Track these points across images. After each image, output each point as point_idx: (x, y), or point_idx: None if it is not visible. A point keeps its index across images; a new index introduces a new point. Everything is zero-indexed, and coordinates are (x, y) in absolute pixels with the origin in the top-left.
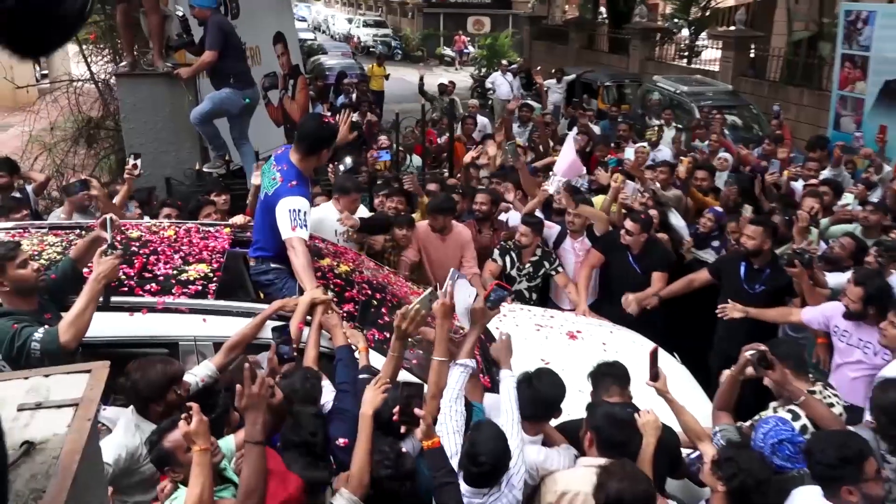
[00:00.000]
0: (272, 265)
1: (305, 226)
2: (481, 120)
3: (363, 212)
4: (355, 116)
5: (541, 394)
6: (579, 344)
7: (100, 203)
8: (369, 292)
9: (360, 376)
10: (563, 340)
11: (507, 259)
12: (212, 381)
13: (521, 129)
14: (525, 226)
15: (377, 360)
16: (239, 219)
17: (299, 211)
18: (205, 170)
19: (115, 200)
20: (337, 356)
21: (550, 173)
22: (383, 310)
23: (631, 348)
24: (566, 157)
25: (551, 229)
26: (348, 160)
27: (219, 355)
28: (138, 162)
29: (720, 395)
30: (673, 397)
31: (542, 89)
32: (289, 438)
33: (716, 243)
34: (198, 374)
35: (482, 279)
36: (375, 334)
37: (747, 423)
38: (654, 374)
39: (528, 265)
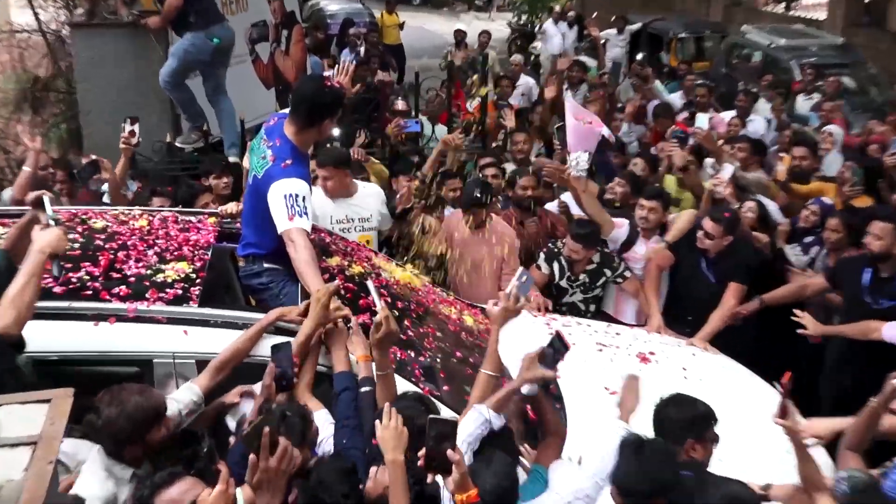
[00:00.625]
0: (265, 265)
1: (306, 213)
2: (526, 81)
3: (372, 197)
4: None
5: (648, 474)
6: (653, 369)
7: (111, 188)
8: (388, 300)
9: (362, 389)
10: (633, 364)
11: (556, 266)
12: (197, 408)
13: (572, 94)
14: (573, 240)
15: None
16: (231, 207)
17: (297, 196)
18: (178, 144)
19: (117, 174)
20: (336, 386)
21: (567, 153)
22: (406, 322)
23: (720, 376)
24: (571, 124)
25: (619, 228)
26: (336, 131)
27: (203, 376)
28: (136, 128)
29: (854, 432)
30: (804, 442)
31: (599, 42)
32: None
33: (809, 238)
34: (180, 400)
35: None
36: (396, 352)
37: (876, 471)
38: (784, 411)
39: (582, 276)
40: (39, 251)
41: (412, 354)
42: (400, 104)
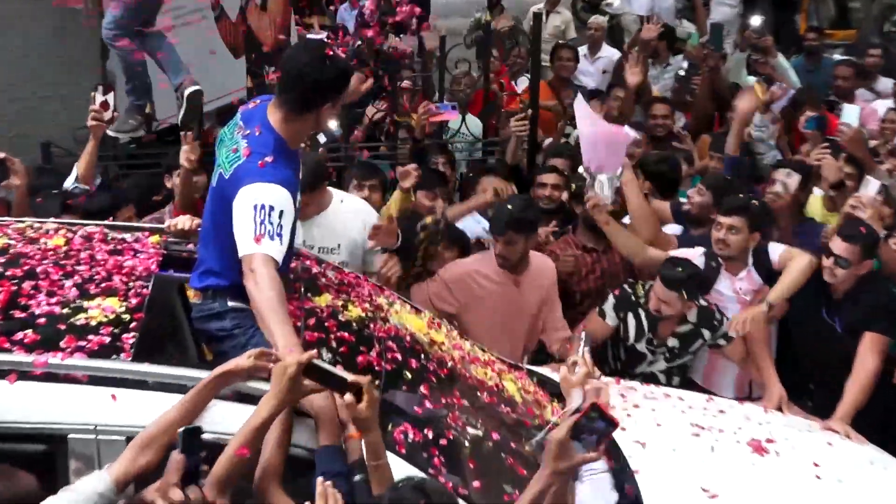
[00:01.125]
0: (230, 303)
1: (279, 235)
2: (609, 54)
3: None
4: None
5: None
6: (772, 463)
7: (18, 197)
8: (399, 356)
9: (356, 477)
10: (744, 455)
11: (631, 321)
12: None
13: (658, 72)
14: (665, 287)
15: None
16: (184, 221)
17: (270, 209)
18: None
19: (80, 167)
20: (319, 466)
21: (582, 170)
22: (423, 388)
23: (868, 476)
24: (587, 137)
25: (692, 258)
26: (333, 124)
27: (121, 459)
28: (110, 98)
29: None
30: None
31: (699, 1)
32: None
33: None
34: (80, 492)
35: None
36: (408, 430)
37: None
38: None
39: (670, 339)
40: None
41: (430, 435)
42: (406, 81)
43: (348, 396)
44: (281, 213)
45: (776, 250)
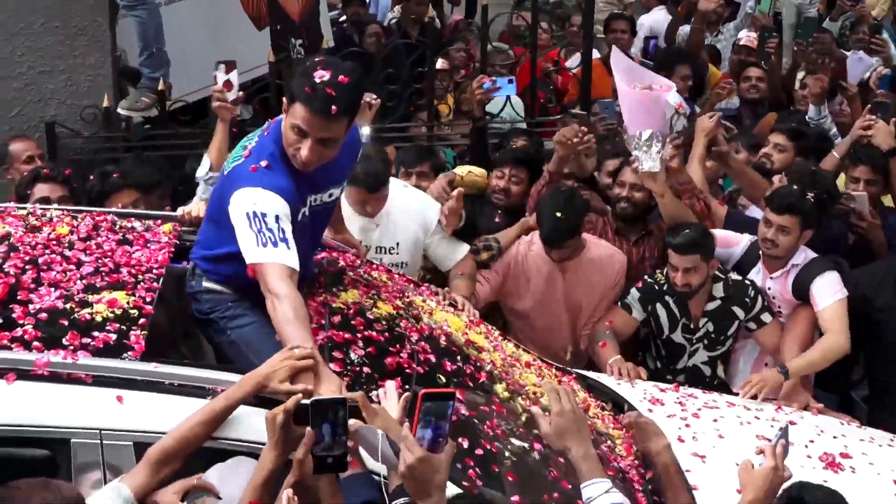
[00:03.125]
0: (204, 283)
1: (284, 240)
2: (654, 18)
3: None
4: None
5: None
6: (848, 480)
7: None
8: (433, 358)
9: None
10: (816, 472)
11: (662, 311)
12: None
13: (714, 42)
14: (681, 255)
15: None
16: (196, 207)
17: (264, 216)
18: (121, 110)
19: (211, 154)
20: (347, 497)
21: (625, 136)
22: (458, 395)
23: None
24: (623, 92)
25: (734, 245)
26: (366, 130)
27: (138, 472)
28: (233, 76)
29: None
30: None
31: None
32: None
33: None
34: None
35: (604, 356)
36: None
37: None
38: None
39: (703, 321)
40: None
41: (464, 444)
42: (440, 61)
43: (354, 422)
44: (276, 217)
45: (824, 297)
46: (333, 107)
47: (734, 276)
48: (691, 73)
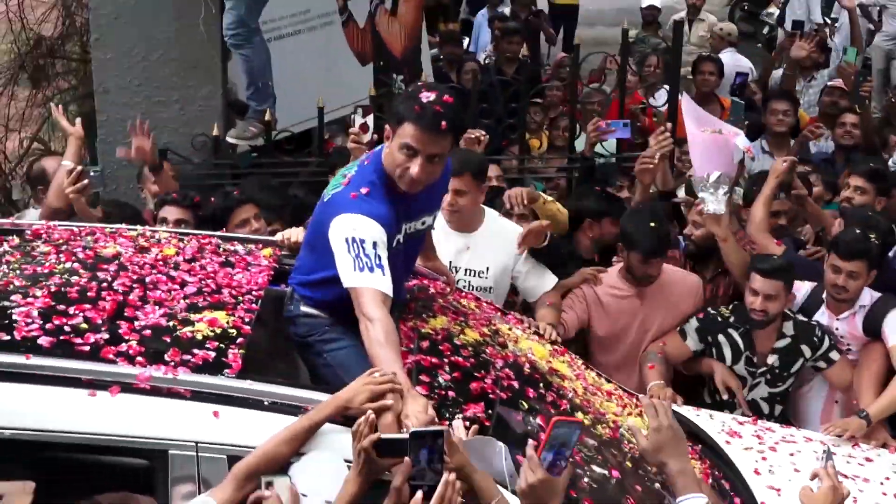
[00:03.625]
0: (302, 308)
1: (381, 266)
2: (734, 59)
3: (500, 238)
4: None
5: None
6: None
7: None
8: (516, 384)
9: None
10: None
11: (723, 340)
12: None
13: (801, 86)
14: (766, 278)
15: None
16: (293, 233)
17: (362, 242)
18: (229, 139)
19: None
20: None
21: (689, 175)
22: (539, 419)
23: None
24: (693, 136)
25: (797, 290)
26: None
27: (226, 486)
28: (369, 120)
29: None
30: None
31: (854, 10)
32: None
33: None
34: None
35: (648, 378)
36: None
37: None
38: None
39: (771, 357)
40: None
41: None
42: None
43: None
44: (374, 243)
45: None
46: (443, 122)
47: (800, 317)
48: (791, 108)
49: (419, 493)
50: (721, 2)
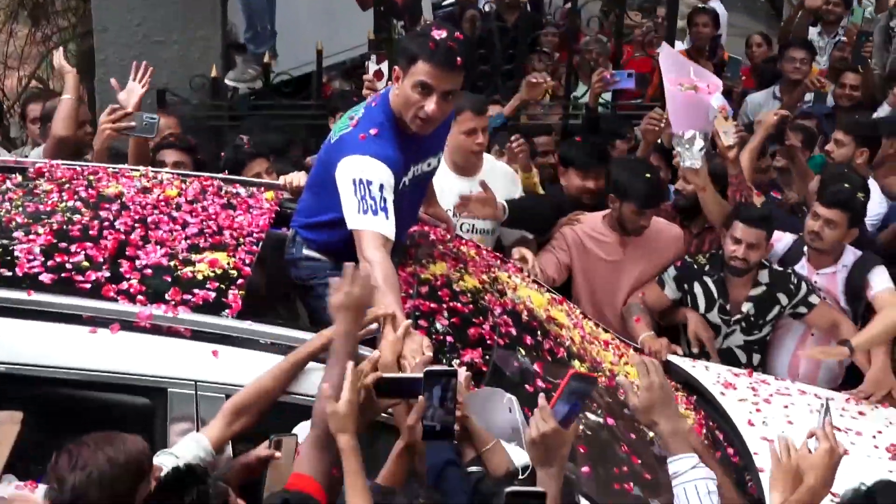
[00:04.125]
0: (304, 251)
1: (384, 209)
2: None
3: (501, 180)
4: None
5: None
6: None
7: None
8: (514, 331)
9: (471, 469)
10: (881, 462)
11: (699, 291)
12: (203, 468)
13: (825, 42)
14: (748, 226)
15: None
16: (297, 177)
17: (368, 184)
18: (228, 81)
19: None
20: (430, 457)
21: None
22: (536, 366)
23: None
24: (669, 93)
25: (776, 242)
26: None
27: (215, 424)
28: (384, 66)
29: None
30: None
31: None
32: None
33: None
34: (181, 457)
35: (636, 331)
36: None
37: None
38: None
39: (746, 305)
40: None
41: None
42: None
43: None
44: (381, 186)
45: (880, 282)
46: (458, 58)
47: (775, 266)
48: (807, 56)
49: None
50: None
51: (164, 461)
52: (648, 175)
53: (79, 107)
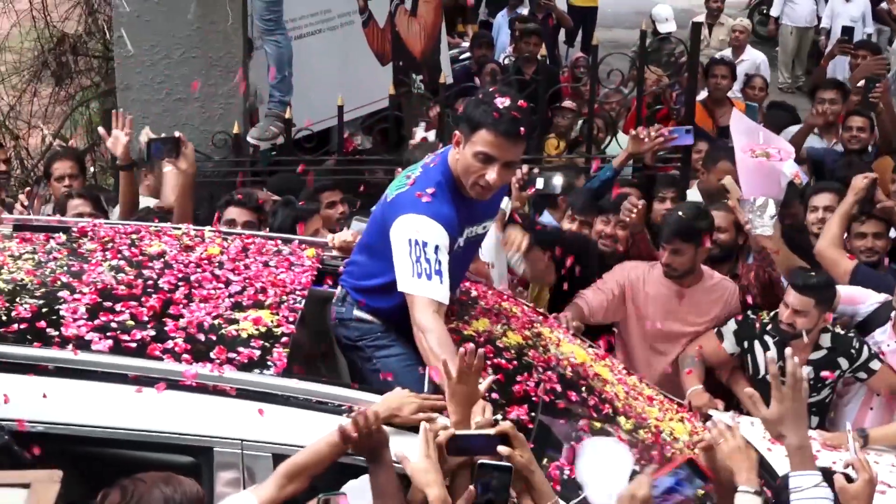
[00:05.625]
0: (355, 312)
1: (439, 273)
2: (753, 57)
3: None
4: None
5: None
6: None
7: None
8: (558, 387)
9: None
10: None
11: (758, 348)
12: None
13: None
14: (799, 294)
15: None
16: (347, 235)
17: (424, 245)
18: (250, 139)
19: None
20: None
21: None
22: (581, 423)
23: None
24: (739, 159)
25: (859, 304)
26: (557, 180)
27: (268, 485)
28: (430, 135)
29: None
30: None
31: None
32: None
33: None
34: None
35: (686, 384)
36: (564, 466)
37: None
38: None
39: (804, 367)
40: None
41: None
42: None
43: (503, 449)
44: (436, 248)
45: None
46: (521, 128)
47: (839, 329)
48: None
49: None
50: (739, 5)
51: None
52: (681, 213)
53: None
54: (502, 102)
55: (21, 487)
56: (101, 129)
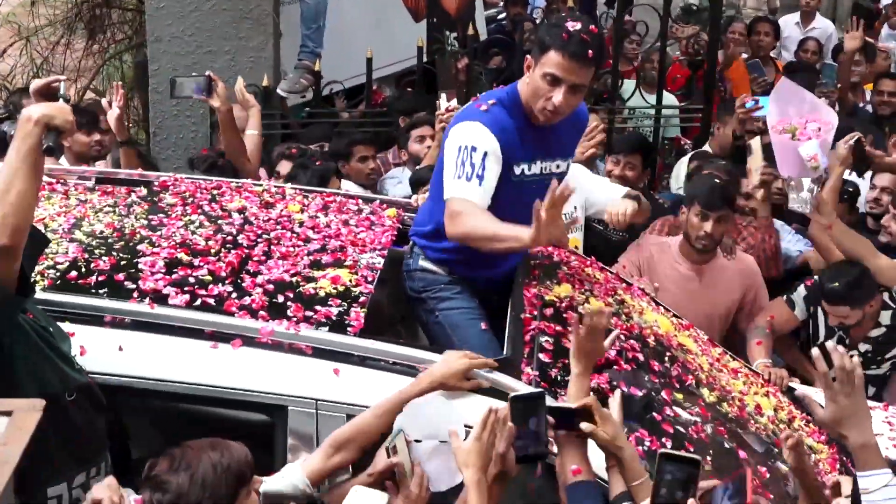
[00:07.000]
0: (421, 262)
1: (480, 177)
2: (824, 25)
3: None
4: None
5: None
6: None
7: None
8: (641, 356)
9: None
10: None
11: (821, 315)
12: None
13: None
14: (830, 304)
15: None
16: (423, 198)
17: (473, 150)
18: (280, 91)
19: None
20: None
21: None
22: (664, 394)
23: None
24: (774, 140)
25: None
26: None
27: (316, 456)
28: (453, 103)
29: None
30: None
31: None
32: None
33: None
34: (275, 486)
35: (755, 355)
36: (644, 437)
37: None
38: None
39: (863, 344)
40: (28, 120)
41: (668, 445)
42: None
43: (586, 425)
44: (485, 154)
45: None
46: (590, 51)
47: None
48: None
49: None
50: None
51: (271, 481)
52: (718, 181)
53: (261, 141)
54: (573, 26)
55: (3, 415)
56: (103, 101)
